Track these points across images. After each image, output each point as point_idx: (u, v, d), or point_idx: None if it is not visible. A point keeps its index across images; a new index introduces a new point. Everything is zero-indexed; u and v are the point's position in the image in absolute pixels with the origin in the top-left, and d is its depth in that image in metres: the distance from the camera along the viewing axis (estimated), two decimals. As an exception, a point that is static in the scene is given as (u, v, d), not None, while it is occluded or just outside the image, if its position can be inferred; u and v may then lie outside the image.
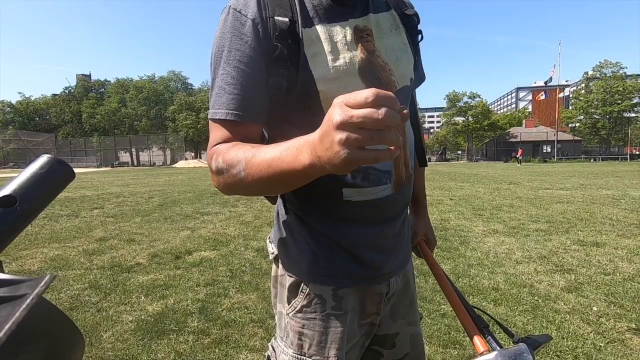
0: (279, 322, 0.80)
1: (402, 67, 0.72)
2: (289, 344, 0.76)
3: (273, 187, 0.57)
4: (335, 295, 0.74)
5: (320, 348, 0.73)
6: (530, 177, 13.51)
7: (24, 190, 0.30)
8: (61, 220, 5.66)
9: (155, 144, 43.69)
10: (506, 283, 2.85)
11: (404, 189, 0.77)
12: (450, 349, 1.98)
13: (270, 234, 0.86)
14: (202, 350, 1.97)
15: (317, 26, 0.65)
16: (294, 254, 0.76)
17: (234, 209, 6.50)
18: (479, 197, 7.72)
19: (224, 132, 0.63)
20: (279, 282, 0.80)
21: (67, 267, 3.35)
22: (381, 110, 0.38)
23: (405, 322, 0.87)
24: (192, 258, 3.58)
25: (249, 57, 0.62)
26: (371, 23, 0.70)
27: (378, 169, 0.70)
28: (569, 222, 5.01)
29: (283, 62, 0.63)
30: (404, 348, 0.88)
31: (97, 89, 48.61)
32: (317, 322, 0.74)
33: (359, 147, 0.39)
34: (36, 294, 0.22)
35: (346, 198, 0.71)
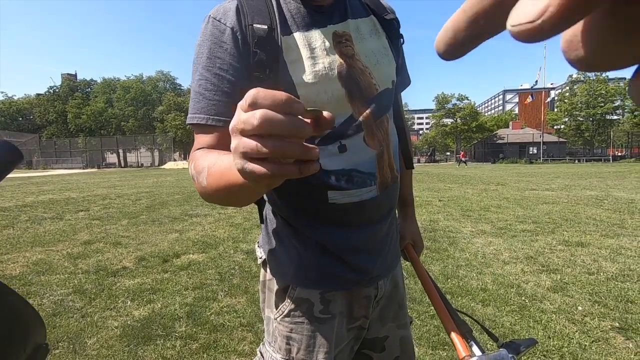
0: (267, 327, 0.79)
1: (383, 70, 0.72)
2: (277, 349, 0.75)
3: (231, 198, 0.51)
4: (323, 299, 0.74)
5: (309, 352, 0.73)
6: (517, 178, 13.74)
7: None
8: (45, 223, 5.52)
9: (143, 145, 43.06)
10: (494, 283, 2.88)
11: (390, 191, 0.77)
12: (440, 350, 1.99)
13: (259, 239, 0.85)
14: (190, 355, 1.94)
15: (295, 34, 0.66)
16: (281, 258, 0.75)
17: (223, 210, 6.43)
18: (467, 198, 7.81)
19: (204, 138, 0.64)
20: (267, 287, 0.80)
21: (50, 271, 3.26)
22: (256, 114, 0.31)
23: (394, 325, 0.87)
24: (180, 261, 3.52)
25: (228, 64, 0.64)
26: (350, 28, 0.71)
27: (362, 171, 0.71)
28: (554, 222, 5.10)
29: (263, 67, 0.64)
30: (394, 351, 0.88)
31: (83, 89, 47.69)
32: (305, 326, 0.73)
33: (251, 158, 0.33)
34: None
35: (331, 201, 0.71)
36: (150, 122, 42.50)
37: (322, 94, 0.66)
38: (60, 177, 18.66)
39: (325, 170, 0.69)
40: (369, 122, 0.71)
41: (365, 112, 0.70)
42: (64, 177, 18.67)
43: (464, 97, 45.71)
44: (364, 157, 0.71)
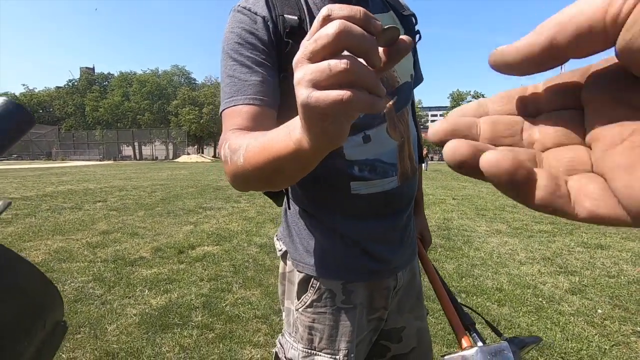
0: (287, 318, 0.80)
1: (403, 64, 0.74)
2: (298, 339, 0.76)
3: (270, 176, 0.46)
4: (345, 289, 0.75)
5: (331, 342, 0.74)
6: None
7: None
8: (64, 212, 5.68)
9: (157, 138, 43.75)
10: (510, 284, 2.84)
11: (410, 182, 0.78)
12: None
13: (277, 232, 0.86)
14: (207, 344, 1.97)
15: None
16: (303, 249, 0.76)
17: (237, 204, 6.50)
18: (481, 197, 7.70)
19: (237, 119, 0.60)
20: (287, 279, 0.81)
21: (71, 259, 3.36)
22: (333, 24, 0.26)
23: (412, 316, 0.88)
24: (196, 253, 3.58)
25: (261, 50, 0.64)
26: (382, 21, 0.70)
27: (384, 161, 0.72)
28: (572, 223, 4.98)
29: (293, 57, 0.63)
30: (411, 342, 0.89)
31: (101, 82, 48.64)
32: (327, 316, 0.75)
33: (320, 86, 0.28)
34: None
35: (354, 191, 0.72)
36: (165, 115, 43.12)
37: None
38: (78, 169, 19.14)
39: (349, 160, 0.70)
40: (391, 113, 0.73)
41: (388, 104, 0.70)
42: (81, 169, 19.14)
43: (480, 95, 44.93)
44: (387, 147, 0.72)
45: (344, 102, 0.27)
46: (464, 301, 2.54)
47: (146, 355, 1.87)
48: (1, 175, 13.28)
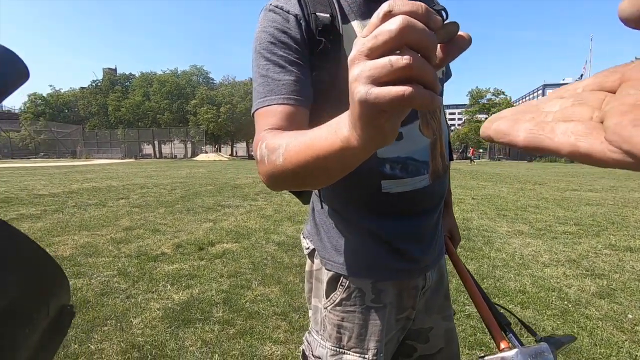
0: (314, 316, 0.81)
1: None
2: (326, 337, 0.76)
3: (311, 176, 0.45)
4: (374, 288, 0.75)
5: (360, 341, 0.74)
6: (556, 177, 13.06)
7: None
8: (89, 209, 5.87)
9: (176, 137, 44.65)
10: (533, 286, 2.77)
11: (441, 180, 0.77)
12: (477, 350, 1.94)
13: (303, 230, 0.86)
14: (228, 340, 2.01)
15: (353, 22, 0.67)
16: (332, 248, 0.76)
17: (254, 202, 6.57)
18: (502, 196, 7.52)
19: (273, 119, 0.59)
20: (314, 277, 0.81)
21: (96, 254, 3.48)
22: (396, 19, 0.26)
23: (439, 316, 0.87)
24: (215, 249, 3.64)
25: (294, 49, 0.63)
26: None
27: (416, 159, 0.71)
28: (599, 225, 4.81)
29: (326, 56, 0.64)
30: (438, 343, 0.87)
31: (123, 83, 49.95)
32: (356, 315, 0.74)
33: (380, 83, 0.27)
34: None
35: (385, 190, 0.71)
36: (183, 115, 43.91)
37: None
38: (101, 167, 19.75)
39: (381, 158, 0.69)
40: (424, 110, 0.70)
41: None
42: (104, 167, 19.74)
43: (500, 92, 43.83)
44: (419, 145, 0.72)
45: (405, 98, 0.26)
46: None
47: (170, 349, 1.91)
48: (30, 173, 13.84)
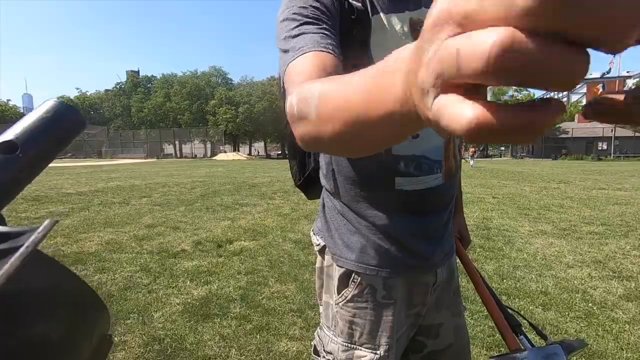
0: (326, 312, 0.81)
1: None
2: (338, 333, 0.77)
3: (352, 139, 0.34)
4: (385, 284, 0.75)
5: (372, 337, 0.75)
6: (582, 175, 12.57)
7: (26, 136, 0.26)
8: (114, 207, 6.08)
9: (196, 137, 45.56)
10: (556, 287, 2.69)
11: (453, 180, 0.78)
12: (495, 351, 1.91)
13: (313, 226, 0.87)
14: (245, 335, 2.05)
15: (380, 14, 0.67)
16: (343, 245, 0.77)
17: (272, 201, 6.64)
18: (524, 195, 7.31)
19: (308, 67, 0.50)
20: (325, 273, 0.82)
21: (120, 250, 3.60)
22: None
23: (449, 312, 0.87)
24: (233, 247, 3.71)
25: (328, 17, 0.59)
26: (424, 16, 0.69)
27: (430, 158, 0.72)
28: (627, 225, 4.61)
29: (355, 43, 0.64)
30: (447, 338, 0.87)
31: (145, 84, 51.35)
32: (368, 311, 0.75)
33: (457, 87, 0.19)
34: (32, 241, 0.19)
35: (398, 187, 0.72)
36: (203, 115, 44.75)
37: None
38: (125, 166, 20.40)
39: (395, 155, 0.70)
40: None
41: None
42: (128, 166, 20.38)
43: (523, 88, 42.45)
44: (434, 144, 0.72)
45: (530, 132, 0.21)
46: (506, 303, 2.44)
47: (189, 342, 1.97)
48: (59, 172, 14.44)
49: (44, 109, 0.28)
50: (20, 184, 0.26)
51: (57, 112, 0.28)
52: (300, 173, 0.93)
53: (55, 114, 0.28)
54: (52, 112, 0.28)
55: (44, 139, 0.27)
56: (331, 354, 0.77)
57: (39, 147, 0.27)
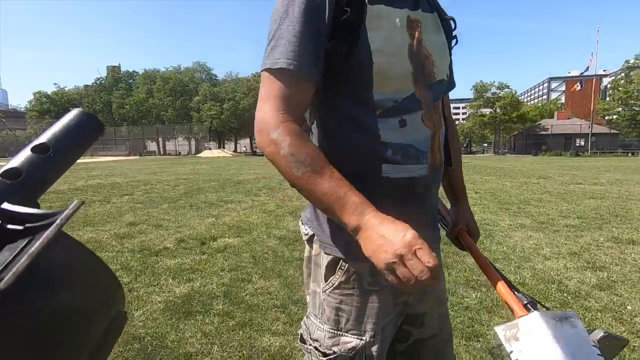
0: (313, 300, 0.83)
1: (442, 63, 0.80)
2: (324, 320, 0.78)
3: (312, 199, 0.66)
4: (372, 272, 0.76)
5: (358, 323, 0.76)
6: (561, 171, 12.96)
7: (56, 140, 0.32)
8: (94, 205, 5.93)
9: (180, 134, 44.76)
10: (534, 278, 2.77)
11: (437, 173, 0.81)
12: (474, 341, 1.95)
13: (302, 216, 0.88)
14: (227, 331, 2.04)
15: (379, 5, 0.71)
16: (331, 233, 0.78)
17: (257, 198, 6.60)
18: (505, 190, 7.49)
19: (280, 87, 0.65)
20: (313, 262, 0.83)
21: (100, 249, 3.52)
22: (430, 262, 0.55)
23: (434, 301, 0.90)
24: (217, 244, 3.68)
25: (324, 14, 0.66)
26: (420, 17, 0.76)
27: (417, 148, 0.75)
28: (602, 218, 4.79)
29: (348, 26, 0.67)
30: (432, 327, 0.90)
31: (126, 80, 50.06)
32: (354, 298, 0.76)
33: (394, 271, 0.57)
34: (65, 215, 0.23)
35: (384, 174, 0.74)
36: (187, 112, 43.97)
37: (394, 67, 0.71)
38: (106, 164, 19.89)
39: (384, 142, 0.72)
40: (428, 103, 0.76)
41: (425, 94, 0.75)
42: (109, 164, 19.89)
43: (505, 86, 43.32)
44: (421, 135, 0.75)
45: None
46: (484, 295, 2.50)
47: (170, 340, 1.94)
48: (36, 170, 13.94)
49: (70, 116, 0.34)
50: (51, 180, 0.31)
51: (80, 119, 0.34)
52: None
53: (79, 121, 0.34)
54: (76, 119, 0.33)
55: (71, 142, 0.32)
56: (317, 341, 0.78)
57: (67, 149, 0.32)
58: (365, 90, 0.70)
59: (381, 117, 0.72)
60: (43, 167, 0.30)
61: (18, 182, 0.28)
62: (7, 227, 0.24)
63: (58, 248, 0.24)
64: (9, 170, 0.29)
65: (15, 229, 0.24)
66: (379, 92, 0.71)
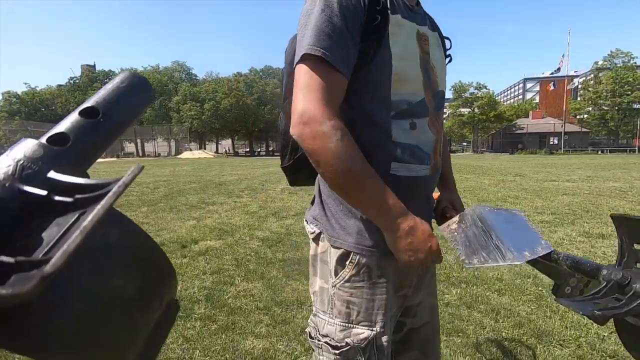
0: (321, 297, 0.85)
1: (443, 75, 0.88)
2: (335, 314, 0.81)
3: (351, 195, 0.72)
4: (379, 265, 0.80)
5: (368, 314, 0.79)
6: (536, 169, 13.41)
7: (105, 103, 0.29)
8: (69, 209, 5.73)
9: (160, 135, 43.80)
10: (510, 273, 2.85)
11: (437, 175, 0.89)
12: (454, 337, 2.00)
13: (307, 216, 0.90)
14: (209, 336, 2.01)
15: (397, 15, 0.77)
16: (340, 228, 0.81)
17: (239, 199, 6.54)
18: (484, 188, 7.69)
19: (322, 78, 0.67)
20: (320, 260, 0.85)
21: (75, 255, 3.40)
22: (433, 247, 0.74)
23: (426, 292, 0.94)
24: (198, 247, 3.62)
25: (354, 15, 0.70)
26: (426, 33, 0.84)
27: (423, 150, 0.81)
28: (574, 213, 4.98)
29: (377, 31, 0.72)
30: (424, 317, 0.94)
31: (102, 80, 48.59)
32: (365, 290, 0.79)
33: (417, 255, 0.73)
34: (123, 182, 0.20)
35: (392, 172, 0.78)
36: (166, 112, 43.08)
37: (410, 71, 0.78)
38: (81, 166, 19.20)
39: (394, 142, 0.77)
40: (433, 110, 0.83)
41: (431, 101, 0.82)
42: (85, 166, 19.19)
43: (482, 86, 44.53)
44: (427, 138, 0.82)
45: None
46: (464, 291, 2.56)
47: (150, 347, 1.90)
48: (6, 173, 13.36)
49: (119, 79, 0.30)
50: (101, 147, 0.28)
51: (131, 82, 0.31)
52: (291, 154, 0.94)
53: (129, 84, 0.30)
54: (126, 82, 0.30)
55: (121, 107, 0.29)
56: (327, 336, 0.80)
57: (117, 114, 0.29)
58: (384, 91, 0.75)
59: (394, 119, 0.77)
60: (93, 132, 0.27)
61: (66, 148, 0.25)
62: (55, 199, 0.21)
63: (112, 226, 0.22)
64: (55, 135, 0.25)
65: (63, 201, 0.21)
66: (395, 93, 0.76)
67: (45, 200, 0.21)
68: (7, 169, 0.22)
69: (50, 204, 0.21)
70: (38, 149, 0.23)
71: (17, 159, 0.22)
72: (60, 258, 0.16)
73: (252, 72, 45.87)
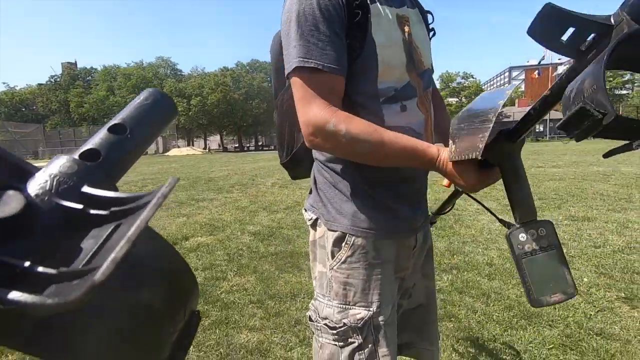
0: (320, 281, 0.87)
1: (427, 53, 0.88)
2: (332, 297, 0.83)
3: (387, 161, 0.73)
4: (375, 246, 0.81)
5: (364, 295, 0.81)
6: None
7: (132, 120, 0.30)
8: (54, 210, 5.61)
9: (146, 133, 43.04)
10: (500, 258, 2.90)
11: None
12: (446, 322, 2.03)
13: (305, 204, 0.93)
14: (203, 331, 2.00)
15: (376, 3, 0.78)
16: (336, 212, 0.83)
17: (229, 195, 6.49)
18: (472, 176, 7.78)
19: (317, 86, 0.70)
20: (318, 245, 0.87)
21: (63, 256, 3.34)
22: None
23: (420, 274, 0.96)
24: (189, 243, 3.59)
25: (340, 19, 0.72)
26: (406, 13, 0.84)
27: (415, 130, 0.82)
28: (560, 198, 5.08)
29: (360, 26, 0.74)
30: (419, 298, 0.97)
31: (84, 77, 47.43)
32: (360, 271, 0.81)
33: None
34: (162, 193, 0.20)
35: None
36: (152, 109, 42.26)
37: (395, 58, 0.79)
38: (66, 166, 18.80)
39: (387, 126, 0.78)
40: (420, 90, 0.84)
41: (418, 81, 0.83)
42: (70, 166, 18.80)
43: (469, 75, 44.89)
44: (417, 118, 0.84)
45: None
46: (455, 277, 2.60)
47: (143, 345, 1.88)
48: (-13, 176, 13.02)
49: (144, 96, 0.32)
50: (129, 162, 0.29)
51: (155, 99, 0.32)
52: (288, 149, 0.97)
53: (153, 100, 0.32)
54: (150, 99, 0.32)
55: (147, 122, 0.31)
56: (326, 318, 0.82)
57: (143, 130, 0.31)
58: (371, 80, 0.77)
59: (384, 104, 0.79)
60: (121, 148, 0.28)
61: (97, 163, 0.26)
62: (90, 212, 0.22)
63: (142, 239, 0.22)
64: (87, 151, 0.27)
65: (99, 214, 0.21)
66: (381, 82, 0.78)
67: (81, 214, 0.22)
68: (44, 184, 0.23)
69: (86, 218, 0.22)
70: (72, 164, 0.24)
71: (53, 175, 0.23)
72: (110, 266, 0.16)
73: (239, 66, 45.26)
